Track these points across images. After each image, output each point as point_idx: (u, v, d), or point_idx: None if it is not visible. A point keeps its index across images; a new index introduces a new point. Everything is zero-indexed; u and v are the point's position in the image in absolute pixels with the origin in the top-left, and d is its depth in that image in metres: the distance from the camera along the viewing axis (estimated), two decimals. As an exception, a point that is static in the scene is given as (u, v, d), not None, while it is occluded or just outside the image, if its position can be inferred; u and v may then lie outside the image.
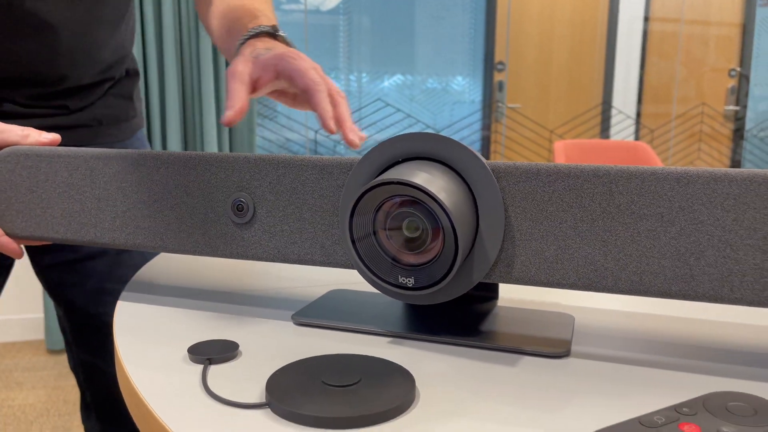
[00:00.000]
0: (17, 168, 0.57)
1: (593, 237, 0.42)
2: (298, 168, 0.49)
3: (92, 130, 0.80)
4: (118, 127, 0.83)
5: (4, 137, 0.57)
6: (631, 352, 0.46)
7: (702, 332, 0.50)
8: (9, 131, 0.57)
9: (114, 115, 0.83)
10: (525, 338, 0.47)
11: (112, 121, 0.82)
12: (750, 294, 0.39)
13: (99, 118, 0.81)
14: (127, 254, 0.82)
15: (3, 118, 0.73)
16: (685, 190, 0.40)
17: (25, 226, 0.58)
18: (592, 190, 0.41)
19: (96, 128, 0.80)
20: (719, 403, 0.34)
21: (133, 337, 0.48)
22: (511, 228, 0.44)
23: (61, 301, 0.86)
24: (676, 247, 0.40)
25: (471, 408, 0.37)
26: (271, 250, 0.51)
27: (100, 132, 0.81)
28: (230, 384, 0.40)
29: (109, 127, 0.82)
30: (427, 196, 0.42)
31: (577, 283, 0.43)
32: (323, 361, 0.41)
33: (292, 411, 0.35)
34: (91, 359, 0.87)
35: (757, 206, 0.38)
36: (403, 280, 0.45)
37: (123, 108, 0.84)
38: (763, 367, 0.43)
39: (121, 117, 0.84)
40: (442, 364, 0.43)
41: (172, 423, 0.35)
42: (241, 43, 0.65)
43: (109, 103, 0.82)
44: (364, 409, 0.35)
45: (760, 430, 0.31)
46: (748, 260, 0.39)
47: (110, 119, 0.82)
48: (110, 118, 0.82)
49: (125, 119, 0.85)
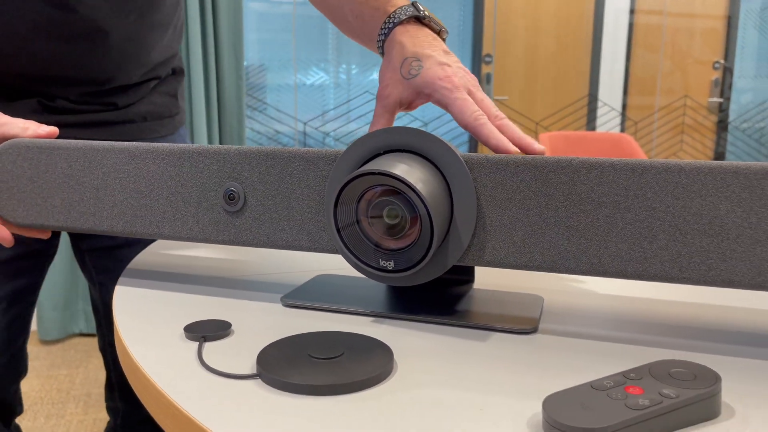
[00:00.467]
0: (18, 159, 0.60)
1: (557, 223, 0.45)
2: (286, 159, 0.52)
3: (137, 126, 0.84)
4: (161, 123, 0.87)
5: (5, 130, 0.60)
6: (593, 329, 0.50)
7: (656, 310, 0.54)
8: (10, 124, 0.60)
9: (158, 112, 0.86)
10: (496, 317, 0.51)
11: (157, 117, 0.86)
12: (697, 274, 0.43)
13: (144, 114, 0.84)
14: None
15: (56, 113, 0.77)
16: (639, 179, 0.43)
17: (27, 215, 0.61)
18: (555, 180, 0.45)
19: (141, 124, 0.84)
20: (663, 369, 0.38)
21: (132, 318, 0.51)
22: (483, 215, 0.47)
23: (96, 283, 0.90)
24: (631, 231, 0.44)
25: (444, 377, 0.41)
26: (261, 236, 0.54)
27: (144, 128, 0.84)
28: (224, 359, 0.43)
29: (153, 123, 0.85)
30: (406, 186, 0.45)
31: (542, 265, 0.46)
32: (309, 338, 0.45)
33: (281, 380, 0.38)
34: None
35: (703, 194, 0.42)
36: (384, 263, 0.48)
37: (167, 105, 0.88)
38: (708, 341, 0.47)
39: (164, 113, 0.87)
40: (419, 340, 0.47)
41: (171, 392, 0.38)
42: (386, 33, 0.61)
43: (155, 100, 0.86)
44: (347, 378, 0.38)
45: (696, 392, 0.35)
46: (695, 243, 0.43)
47: (155, 116, 0.85)
48: (155, 115, 0.85)
49: (168, 115, 0.88)
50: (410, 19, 0.60)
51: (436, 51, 0.58)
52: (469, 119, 0.54)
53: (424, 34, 0.60)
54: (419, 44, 0.59)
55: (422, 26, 0.61)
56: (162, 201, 0.56)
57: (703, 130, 3.30)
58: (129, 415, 0.93)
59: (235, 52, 2.27)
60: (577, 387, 0.36)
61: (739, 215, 0.42)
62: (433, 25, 0.61)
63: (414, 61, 0.58)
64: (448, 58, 0.58)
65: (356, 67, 2.91)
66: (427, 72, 0.57)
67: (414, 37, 0.59)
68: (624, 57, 3.15)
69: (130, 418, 0.93)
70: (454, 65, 0.58)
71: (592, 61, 3.12)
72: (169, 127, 0.88)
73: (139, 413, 0.91)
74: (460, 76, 0.57)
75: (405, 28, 0.60)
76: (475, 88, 0.57)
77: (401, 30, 0.60)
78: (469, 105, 0.55)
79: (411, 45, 0.59)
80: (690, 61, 3.27)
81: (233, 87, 2.28)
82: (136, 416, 0.92)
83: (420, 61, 0.58)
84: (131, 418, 0.93)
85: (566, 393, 0.36)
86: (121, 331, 0.48)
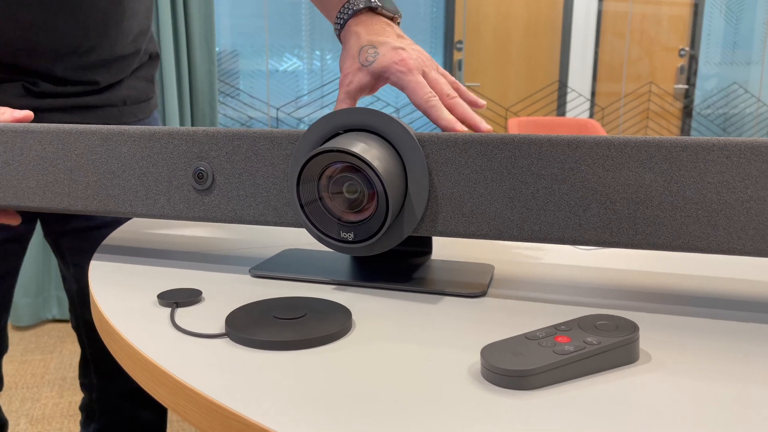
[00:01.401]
0: (-7, 141, 0.62)
1: (501, 194, 0.50)
2: (251, 139, 0.55)
3: (118, 110, 0.86)
4: (139, 107, 0.89)
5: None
6: (535, 293, 0.54)
7: (593, 276, 0.59)
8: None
9: (137, 96, 0.89)
10: (449, 282, 0.55)
11: (135, 101, 0.88)
12: (625, 238, 0.48)
13: (124, 98, 0.87)
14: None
15: (40, 97, 0.79)
16: (574, 153, 0.48)
17: (3, 196, 0.63)
18: (499, 155, 0.49)
19: (121, 108, 0.86)
20: (590, 322, 0.42)
21: (108, 287, 0.54)
22: (435, 189, 0.51)
23: (71, 265, 0.92)
24: (567, 201, 0.48)
25: (396, 334, 0.45)
26: (230, 212, 0.57)
27: (124, 111, 0.87)
28: (195, 322, 0.47)
29: (132, 107, 0.88)
30: (364, 163, 0.49)
31: (489, 233, 0.51)
32: (275, 302, 0.48)
33: (248, 337, 0.42)
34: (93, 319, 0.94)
35: (630, 166, 0.47)
36: (345, 234, 0.52)
37: (144, 89, 0.90)
38: (635, 301, 0.52)
39: (142, 97, 0.90)
40: (376, 304, 0.51)
41: (147, 351, 0.42)
42: (341, 24, 0.65)
43: (134, 85, 0.88)
44: (308, 335, 0.42)
45: (616, 339, 0.40)
46: (623, 211, 0.47)
47: (133, 99, 0.88)
48: (134, 99, 0.88)
49: (145, 99, 0.91)
50: (363, 9, 0.64)
51: (390, 37, 0.62)
52: (420, 101, 0.58)
53: (377, 22, 0.64)
54: (373, 32, 0.63)
55: (375, 15, 0.65)
56: (134, 181, 0.59)
57: (669, 116, 3.39)
58: (104, 389, 0.96)
59: (207, 38, 2.27)
60: (512, 338, 0.40)
61: (661, 184, 0.46)
62: (386, 13, 0.65)
63: (370, 49, 0.62)
64: (402, 42, 0.62)
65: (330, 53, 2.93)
66: (383, 58, 0.61)
67: (368, 26, 0.63)
68: (593, 44, 3.21)
69: (106, 391, 0.95)
70: (408, 48, 0.62)
71: (562, 47, 3.18)
72: (146, 111, 0.91)
73: (115, 387, 0.94)
74: (415, 58, 0.61)
75: (359, 18, 0.64)
76: (429, 69, 0.61)
77: (355, 21, 0.64)
78: (422, 87, 0.59)
79: (366, 34, 0.63)
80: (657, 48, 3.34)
81: (205, 73, 2.29)
82: (112, 389, 0.95)
83: (376, 48, 0.62)
84: (107, 391, 0.95)
85: (502, 343, 0.40)
86: (97, 299, 0.51)
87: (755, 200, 0.45)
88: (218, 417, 0.35)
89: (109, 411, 0.96)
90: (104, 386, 0.95)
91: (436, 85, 0.60)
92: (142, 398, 0.95)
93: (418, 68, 0.60)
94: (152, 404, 0.97)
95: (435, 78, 0.61)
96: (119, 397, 0.94)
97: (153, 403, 0.96)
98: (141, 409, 0.96)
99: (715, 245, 0.46)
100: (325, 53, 2.92)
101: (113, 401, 0.95)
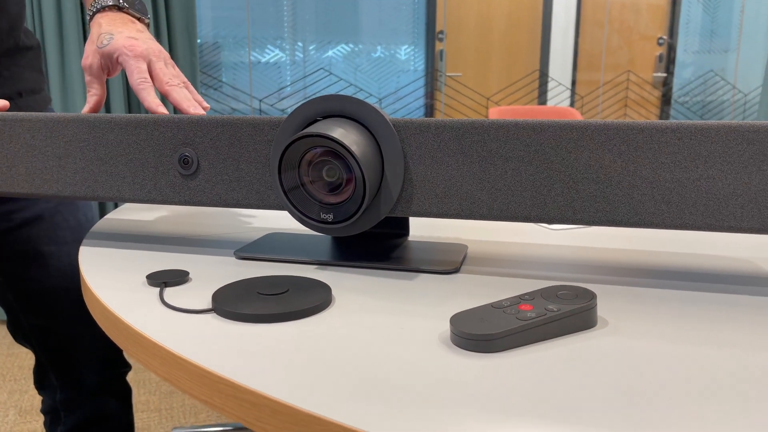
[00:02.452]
0: (-18, 131, 0.64)
1: (472, 176, 0.53)
2: (234, 126, 0.58)
3: (15, 103, 0.83)
4: (34, 98, 0.87)
5: None
6: (506, 269, 0.57)
7: (560, 253, 0.62)
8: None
9: (31, 88, 0.87)
10: (424, 261, 0.58)
11: (30, 92, 0.86)
12: (587, 215, 0.51)
13: (19, 90, 0.85)
14: (61, 216, 0.86)
15: None
16: (539, 137, 0.51)
17: (-8, 184, 0.65)
18: (470, 139, 0.52)
19: (17, 100, 0.84)
20: (552, 291, 0.45)
21: (98, 270, 0.57)
22: (410, 172, 0.54)
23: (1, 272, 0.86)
24: (533, 182, 0.52)
25: (374, 306, 0.48)
26: (214, 196, 0.60)
27: (21, 104, 0.84)
28: (183, 299, 0.49)
29: (27, 100, 0.86)
30: (342, 148, 0.52)
31: (461, 212, 0.54)
32: (259, 280, 0.51)
33: (233, 311, 0.45)
34: (43, 323, 0.89)
35: (590, 148, 0.50)
36: (325, 216, 0.55)
37: (37, 80, 0.88)
38: (597, 274, 0.56)
39: (36, 89, 0.88)
40: (356, 281, 0.54)
41: (138, 326, 0.44)
42: (90, 16, 0.74)
43: (26, 77, 0.86)
44: (290, 308, 0.45)
45: (575, 306, 0.43)
46: (585, 190, 0.51)
47: (28, 91, 0.86)
48: (28, 90, 0.86)
49: (39, 91, 0.89)
50: (110, 6, 0.74)
51: (128, 29, 0.72)
52: (134, 83, 0.68)
53: (120, 17, 0.73)
54: (113, 24, 0.72)
55: (121, 12, 0.74)
56: (121, 167, 0.61)
57: (647, 104, 3.45)
58: (69, 388, 0.92)
59: (188, 29, 2.27)
60: (480, 306, 0.44)
61: (619, 165, 0.50)
62: (132, 13, 0.75)
63: (107, 35, 0.71)
64: (138, 35, 0.72)
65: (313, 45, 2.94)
66: (116, 42, 0.70)
67: (111, 19, 0.73)
68: (573, 33, 3.25)
69: (71, 389, 0.92)
70: (141, 39, 0.71)
71: (542, 37, 3.22)
72: (41, 103, 0.88)
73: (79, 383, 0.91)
74: (144, 48, 0.70)
75: (104, 13, 0.74)
76: (157, 59, 0.70)
77: (101, 14, 0.74)
78: (139, 71, 0.68)
79: (106, 24, 0.72)
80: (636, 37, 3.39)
81: (187, 65, 2.29)
82: (76, 386, 0.92)
83: (112, 35, 0.71)
84: (72, 389, 0.92)
85: (470, 311, 0.43)
86: (89, 282, 0.53)
87: (704, 179, 0.48)
88: (208, 383, 0.38)
89: (76, 407, 0.93)
90: (68, 385, 0.92)
91: (157, 73, 0.69)
92: (107, 389, 0.94)
93: (144, 56, 0.69)
94: (117, 393, 0.96)
95: (159, 68, 0.70)
96: (84, 391, 0.93)
97: (117, 392, 0.96)
98: (108, 399, 0.95)
99: (668, 221, 0.49)
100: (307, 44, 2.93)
101: (79, 397, 0.93)
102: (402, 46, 3.06)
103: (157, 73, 0.70)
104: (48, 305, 0.87)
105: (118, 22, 0.73)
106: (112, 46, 0.70)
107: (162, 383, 1.74)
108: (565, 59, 3.26)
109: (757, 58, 3.47)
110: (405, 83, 3.08)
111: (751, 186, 0.48)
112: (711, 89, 3.54)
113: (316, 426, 0.33)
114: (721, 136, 0.48)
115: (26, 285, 0.87)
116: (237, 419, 0.36)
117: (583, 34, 3.31)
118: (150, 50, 0.70)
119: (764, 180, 0.47)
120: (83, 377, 0.92)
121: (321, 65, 2.92)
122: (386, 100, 3.01)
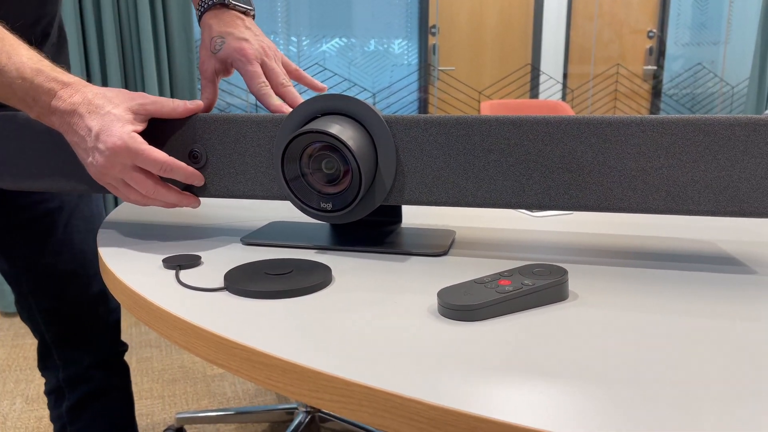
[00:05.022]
0: (6, 131, 0.68)
1: (457, 167, 0.58)
2: (240, 124, 0.63)
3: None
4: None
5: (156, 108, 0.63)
6: (491, 252, 0.63)
7: (540, 238, 0.68)
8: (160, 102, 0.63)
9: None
10: (415, 245, 0.64)
11: None
12: (561, 202, 0.56)
13: None
14: (78, 208, 0.90)
15: None
16: (518, 131, 0.56)
17: (13, 181, 0.69)
18: (456, 133, 0.58)
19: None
20: (529, 269, 0.51)
21: (116, 255, 0.62)
22: (401, 164, 0.60)
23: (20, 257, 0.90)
24: (513, 171, 0.57)
25: (370, 285, 0.53)
26: (222, 188, 0.65)
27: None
28: (197, 280, 0.54)
29: None
30: (339, 143, 0.57)
31: (448, 201, 0.59)
32: (266, 262, 0.56)
33: (244, 289, 0.50)
34: (50, 304, 0.93)
35: (564, 141, 0.55)
36: (324, 205, 0.60)
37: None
38: (572, 255, 0.61)
39: None
40: (354, 263, 0.59)
41: (160, 302, 0.50)
42: (199, 17, 0.75)
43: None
44: (295, 285, 0.50)
45: (548, 281, 0.48)
46: (560, 178, 0.56)
47: None
48: None
49: None
50: (217, 5, 0.74)
51: (237, 28, 0.73)
52: (254, 89, 0.70)
53: (228, 15, 0.74)
54: (223, 24, 0.73)
55: (228, 9, 0.74)
56: (135, 161, 0.66)
57: (637, 97, 3.51)
58: (72, 365, 0.96)
59: (185, 25, 2.31)
60: (463, 282, 0.49)
61: (590, 155, 0.55)
62: (238, 8, 0.75)
63: (218, 39, 0.72)
64: (247, 34, 0.73)
65: (307, 39, 2.98)
66: (227, 47, 0.72)
67: (220, 19, 0.73)
68: (565, 27, 3.30)
69: (75, 366, 0.96)
70: (251, 39, 0.72)
71: (534, 31, 3.27)
72: None
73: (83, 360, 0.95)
74: (255, 49, 0.71)
75: (212, 12, 0.74)
76: (269, 59, 0.72)
77: (209, 14, 0.74)
78: (256, 76, 0.70)
79: (216, 25, 0.73)
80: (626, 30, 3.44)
81: (184, 61, 2.33)
82: (80, 363, 0.96)
83: (223, 38, 0.72)
84: (76, 366, 0.96)
85: (455, 286, 0.48)
86: (110, 266, 0.59)
87: (666, 167, 0.54)
88: (224, 348, 0.43)
89: (79, 384, 0.97)
90: (71, 363, 0.96)
91: (272, 74, 0.71)
92: (107, 365, 0.98)
93: (257, 58, 0.71)
94: (117, 370, 1.00)
95: (272, 68, 0.72)
96: (86, 368, 0.97)
97: (117, 369, 1.01)
98: (109, 374, 0.99)
99: (634, 205, 0.55)
100: (301, 39, 2.97)
101: (82, 374, 0.97)
102: (395, 40, 3.11)
103: (270, 74, 0.71)
104: (58, 288, 0.92)
105: (226, 22, 0.73)
106: (225, 51, 0.71)
107: (164, 371, 1.80)
108: (557, 53, 3.31)
109: (745, 50, 3.53)
110: (398, 77, 3.13)
111: (707, 173, 0.53)
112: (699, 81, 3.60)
113: (321, 381, 0.38)
114: (680, 129, 0.53)
115: (41, 270, 0.91)
116: (251, 379, 0.42)
117: (574, 27, 3.36)
118: (261, 50, 0.71)
119: (718, 167, 0.53)
120: (85, 355, 0.96)
121: (315, 59, 2.96)
122: (380, 94, 3.06)
